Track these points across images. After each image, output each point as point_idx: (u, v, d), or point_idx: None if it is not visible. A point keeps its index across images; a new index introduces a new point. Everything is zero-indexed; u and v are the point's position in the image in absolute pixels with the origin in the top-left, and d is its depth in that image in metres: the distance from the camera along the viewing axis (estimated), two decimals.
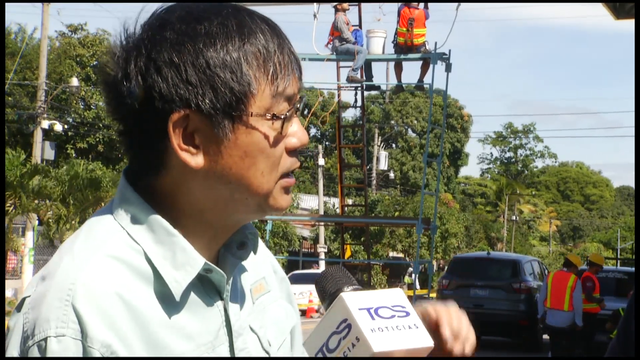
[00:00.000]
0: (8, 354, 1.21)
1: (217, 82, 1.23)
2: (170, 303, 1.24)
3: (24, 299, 1.23)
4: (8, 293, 23.91)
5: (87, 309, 1.18)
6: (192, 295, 1.27)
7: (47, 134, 30.60)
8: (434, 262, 38.63)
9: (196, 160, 1.25)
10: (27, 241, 25.62)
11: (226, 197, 1.27)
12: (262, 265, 1.46)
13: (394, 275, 43.56)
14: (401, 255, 46.60)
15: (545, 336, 17.72)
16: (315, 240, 44.93)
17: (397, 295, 1.25)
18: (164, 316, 1.23)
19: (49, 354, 1.17)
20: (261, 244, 1.45)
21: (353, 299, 1.20)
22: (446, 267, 23.62)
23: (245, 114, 1.25)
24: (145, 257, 1.25)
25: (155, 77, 1.24)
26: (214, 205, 1.28)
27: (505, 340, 19.23)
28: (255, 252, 1.39)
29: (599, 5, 14.80)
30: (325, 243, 43.06)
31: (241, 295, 1.36)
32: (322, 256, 41.36)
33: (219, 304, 1.31)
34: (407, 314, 1.22)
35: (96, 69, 38.27)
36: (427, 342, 1.21)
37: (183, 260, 1.26)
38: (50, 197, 23.43)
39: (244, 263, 1.39)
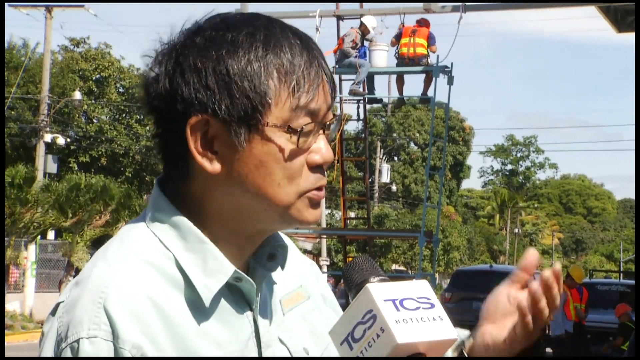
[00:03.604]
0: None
1: (234, 89, 1.24)
2: (200, 310, 1.26)
3: (58, 304, 1.26)
4: (10, 307, 23.86)
5: (119, 311, 1.20)
6: (222, 303, 1.28)
7: (50, 147, 30.62)
8: (437, 276, 38.51)
9: (214, 166, 1.26)
10: (30, 254, 25.59)
11: (246, 205, 1.28)
12: (298, 274, 1.46)
13: None
14: (403, 268, 46.52)
15: (549, 349, 17.74)
16: (318, 253, 44.88)
17: (422, 287, 1.27)
18: (194, 322, 1.25)
19: (81, 355, 1.19)
20: (299, 252, 1.47)
21: (379, 290, 1.22)
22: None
23: (261, 124, 1.25)
24: (176, 263, 1.27)
25: (179, 81, 1.26)
26: (237, 214, 1.29)
27: None
28: (283, 267, 1.40)
29: (601, 18, 14.84)
30: (328, 256, 43.02)
31: (270, 306, 1.37)
32: (325, 269, 41.28)
33: (249, 314, 1.32)
34: (432, 305, 1.24)
35: (98, 82, 38.36)
36: (451, 334, 1.23)
37: (214, 268, 1.27)
38: (47, 204, 23.44)
39: (274, 275, 1.40)
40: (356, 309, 1.22)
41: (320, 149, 1.30)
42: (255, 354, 1.31)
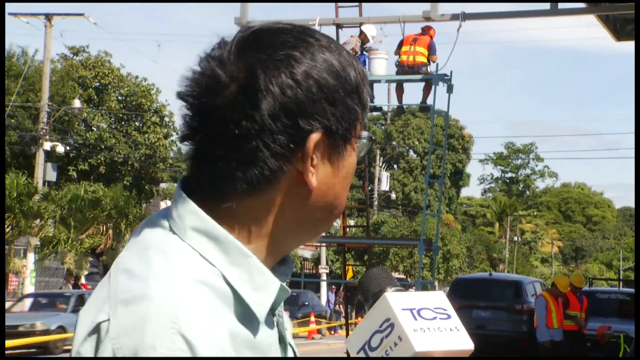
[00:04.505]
0: None
1: (349, 104, 1.27)
2: (250, 325, 1.23)
3: (99, 324, 1.18)
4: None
5: (196, 337, 1.15)
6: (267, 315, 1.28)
7: (49, 155, 30.63)
8: (436, 284, 38.50)
9: (313, 180, 1.25)
10: (29, 263, 25.58)
11: (319, 216, 1.29)
12: None
13: None
14: (403, 276, 46.52)
15: None
16: (317, 261, 44.88)
17: (439, 298, 1.28)
18: (250, 337, 1.22)
19: None
20: None
21: (397, 300, 1.24)
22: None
23: (354, 136, 1.29)
24: (223, 279, 1.23)
25: (299, 94, 1.23)
26: (306, 224, 1.29)
27: None
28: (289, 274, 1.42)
29: (600, 27, 14.87)
30: (327, 264, 43.02)
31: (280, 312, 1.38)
32: (324, 277, 41.30)
33: (274, 319, 1.32)
34: (449, 316, 1.26)
35: (98, 90, 38.39)
36: (467, 344, 1.24)
37: (262, 282, 1.25)
38: (50, 217, 23.44)
39: None
40: (374, 317, 1.24)
41: None
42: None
